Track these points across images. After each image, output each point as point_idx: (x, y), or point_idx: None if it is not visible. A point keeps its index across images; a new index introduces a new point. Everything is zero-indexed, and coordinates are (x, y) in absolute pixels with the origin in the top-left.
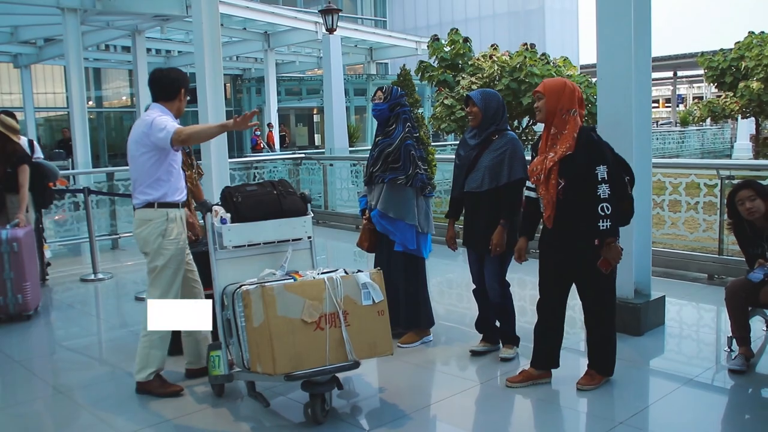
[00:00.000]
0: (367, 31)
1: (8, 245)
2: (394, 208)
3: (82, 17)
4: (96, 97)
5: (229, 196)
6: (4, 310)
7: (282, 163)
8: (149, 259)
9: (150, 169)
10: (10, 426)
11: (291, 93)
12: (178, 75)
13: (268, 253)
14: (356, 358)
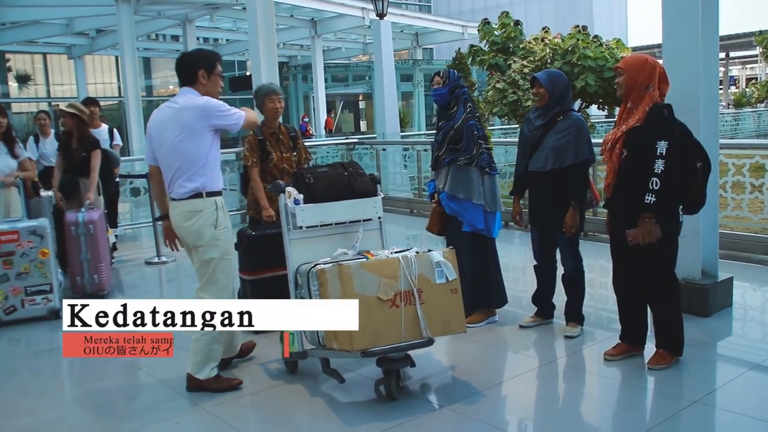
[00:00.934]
0: (414, 16)
1: (85, 227)
2: (462, 189)
3: (135, 7)
4: (146, 86)
5: (301, 178)
6: (81, 289)
7: (334, 149)
8: (201, 252)
9: (200, 153)
10: (94, 398)
11: (337, 79)
12: (196, 57)
13: (340, 234)
14: (430, 336)
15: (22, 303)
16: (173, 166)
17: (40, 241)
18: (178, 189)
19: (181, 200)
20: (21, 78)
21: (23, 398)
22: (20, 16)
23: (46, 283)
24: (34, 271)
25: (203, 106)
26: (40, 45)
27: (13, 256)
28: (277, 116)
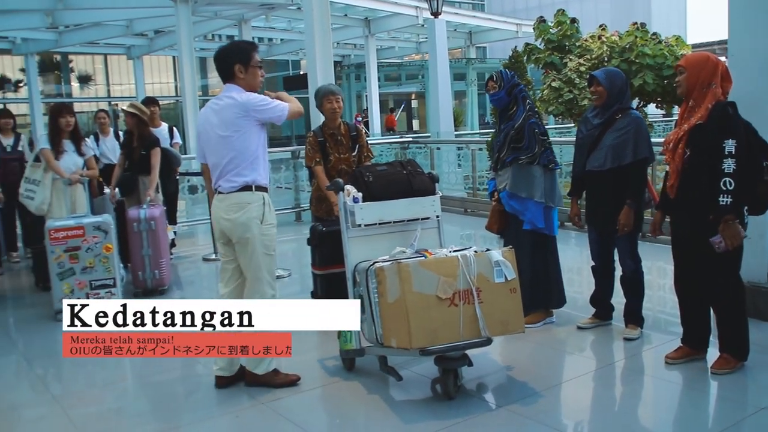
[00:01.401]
0: (468, 15)
1: (147, 223)
2: (524, 188)
3: (192, 8)
4: (202, 85)
5: (360, 176)
6: (142, 284)
7: (388, 147)
8: (245, 245)
9: (248, 148)
10: (155, 390)
11: (390, 78)
12: (230, 51)
13: (398, 232)
14: (489, 335)
15: (86, 296)
16: (221, 162)
17: (105, 236)
18: (225, 183)
19: (228, 193)
20: (82, 78)
21: (89, 388)
22: (82, 19)
23: (110, 277)
24: (99, 265)
25: (244, 104)
26: (101, 46)
27: (79, 251)
28: (336, 117)
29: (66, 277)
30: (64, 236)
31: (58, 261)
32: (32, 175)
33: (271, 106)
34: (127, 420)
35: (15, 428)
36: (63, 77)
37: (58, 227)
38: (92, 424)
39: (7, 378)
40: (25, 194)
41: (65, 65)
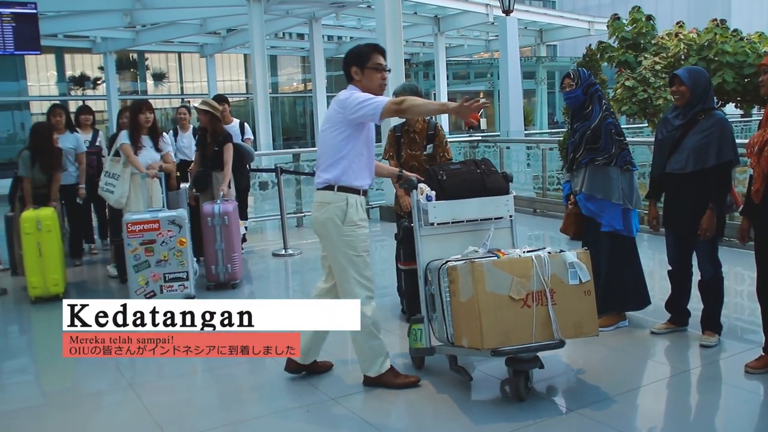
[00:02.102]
0: (539, 12)
1: (220, 218)
2: (601, 189)
3: (265, 6)
4: (272, 83)
5: (434, 174)
6: (215, 278)
7: (457, 146)
8: (326, 245)
9: (337, 145)
10: (225, 382)
11: (458, 77)
12: (349, 55)
13: (471, 231)
14: (562, 338)
15: (160, 289)
16: (318, 153)
17: (179, 230)
18: (316, 178)
19: (317, 190)
20: (157, 76)
21: (159, 379)
22: (159, 18)
23: (183, 270)
24: (173, 259)
25: (342, 101)
26: (175, 44)
27: (154, 244)
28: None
29: (141, 270)
30: (141, 229)
31: (135, 253)
32: (112, 169)
33: (366, 104)
34: (197, 410)
35: (95, 413)
36: (139, 75)
37: (134, 220)
38: (165, 412)
39: (87, 366)
40: (105, 188)
41: (141, 63)
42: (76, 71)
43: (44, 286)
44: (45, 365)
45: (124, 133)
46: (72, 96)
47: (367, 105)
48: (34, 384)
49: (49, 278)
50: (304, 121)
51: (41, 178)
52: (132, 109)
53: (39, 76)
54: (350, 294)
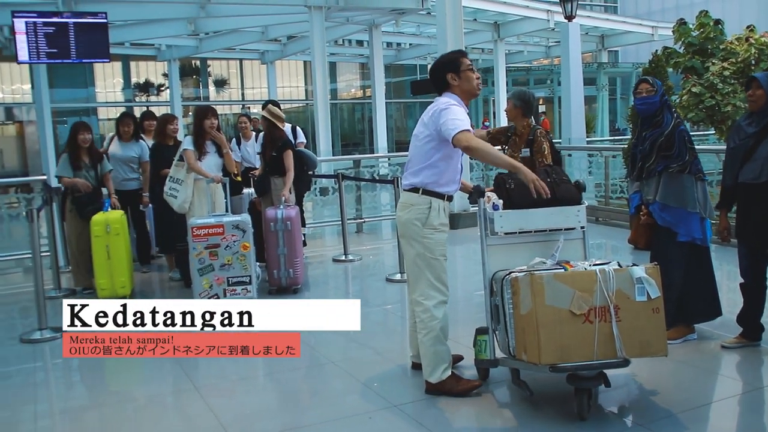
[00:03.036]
0: (600, 18)
1: (283, 223)
2: (675, 197)
3: (326, 14)
4: (331, 89)
5: (502, 182)
6: (277, 282)
7: None
8: (406, 245)
9: (427, 152)
10: (287, 386)
11: (518, 83)
12: (440, 64)
13: (540, 242)
14: (626, 356)
15: (224, 292)
16: (409, 155)
17: (242, 235)
18: (404, 179)
19: (403, 191)
20: (218, 82)
21: (220, 381)
22: (222, 26)
23: (246, 275)
24: (236, 263)
25: (440, 111)
26: (237, 51)
27: (218, 248)
28: (510, 118)
29: (206, 273)
30: (205, 233)
31: (199, 257)
32: (176, 174)
33: (453, 121)
34: (259, 413)
35: (161, 413)
36: (201, 81)
37: (199, 225)
38: (228, 414)
39: (150, 366)
40: (168, 192)
41: (203, 70)
42: (140, 78)
43: (112, 288)
44: (111, 365)
45: (188, 139)
46: (137, 102)
47: (449, 126)
48: (100, 383)
49: (116, 280)
50: (362, 128)
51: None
52: (197, 114)
53: (106, 82)
54: (422, 295)
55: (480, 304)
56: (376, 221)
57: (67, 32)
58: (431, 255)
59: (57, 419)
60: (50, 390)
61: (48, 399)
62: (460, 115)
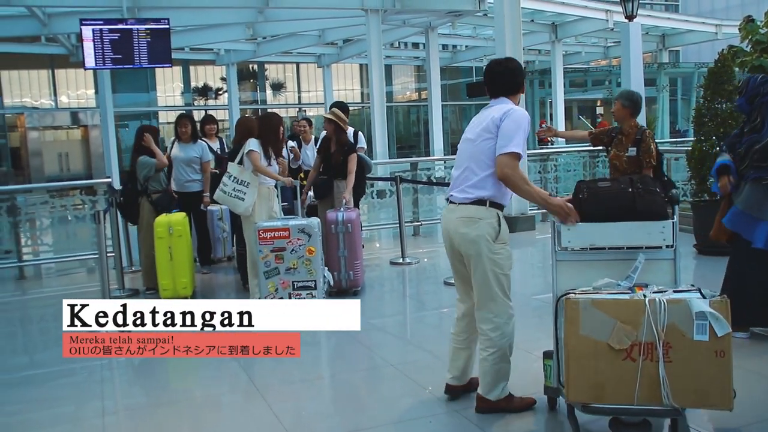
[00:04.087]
0: (662, 17)
1: (344, 225)
2: (757, 208)
3: (382, 17)
4: (386, 92)
5: (577, 191)
6: (338, 284)
7: (577, 156)
8: (475, 264)
9: (488, 156)
10: (343, 390)
11: (575, 84)
12: (517, 64)
13: (620, 260)
14: (674, 404)
15: (289, 296)
16: (464, 163)
17: (308, 239)
18: (460, 192)
19: (459, 204)
20: (275, 86)
21: (286, 384)
22: (279, 30)
23: (311, 279)
24: (301, 267)
25: (506, 111)
26: (294, 55)
27: (284, 252)
28: (617, 118)
29: (271, 276)
30: (272, 236)
31: (265, 260)
32: (241, 176)
33: (515, 129)
34: (320, 416)
35: (224, 413)
36: (258, 85)
37: (266, 228)
38: (289, 417)
39: (212, 366)
40: (233, 194)
41: (261, 74)
42: (199, 82)
43: (174, 289)
44: (171, 364)
45: (253, 141)
46: (195, 106)
47: (508, 141)
48: (161, 382)
49: (178, 282)
50: (417, 130)
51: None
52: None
53: (165, 87)
54: (494, 313)
55: (537, 308)
56: (432, 224)
57: (132, 38)
58: (501, 271)
59: (121, 416)
60: (114, 387)
61: (113, 396)
62: (522, 121)
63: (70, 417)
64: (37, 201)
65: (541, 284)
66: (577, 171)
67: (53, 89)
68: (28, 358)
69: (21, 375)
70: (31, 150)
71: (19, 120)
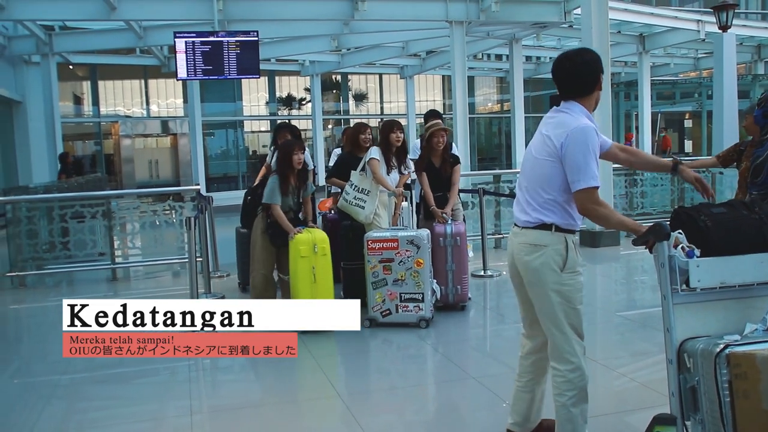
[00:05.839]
0: (758, 27)
1: (452, 239)
2: None
3: (467, 29)
4: (469, 104)
5: (691, 219)
6: (445, 298)
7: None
8: (539, 295)
9: (553, 180)
10: (435, 403)
11: (662, 97)
12: (590, 58)
13: (739, 299)
14: None
15: (396, 308)
16: (525, 183)
17: (417, 251)
18: (523, 214)
19: (523, 228)
20: (358, 97)
21: (389, 395)
22: (364, 42)
23: (419, 292)
24: (409, 279)
25: (576, 130)
26: (377, 66)
27: (392, 263)
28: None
29: (379, 287)
30: (380, 247)
31: (373, 270)
32: (361, 184)
33: (583, 175)
34: (399, 425)
35: (306, 420)
36: (342, 95)
37: (374, 238)
38: (374, 427)
39: (297, 371)
40: (354, 202)
41: (344, 84)
42: (284, 92)
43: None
44: (252, 365)
45: (375, 149)
46: (280, 116)
47: (579, 176)
48: (243, 384)
49: None
50: (498, 142)
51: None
52: (384, 127)
53: (251, 96)
54: (568, 352)
55: (620, 325)
56: None
57: (222, 50)
58: (571, 305)
59: (206, 416)
60: (199, 387)
61: (198, 396)
62: (593, 152)
63: (154, 415)
64: (130, 206)
65: (625, 301)
66: (665, 186)
67: (145, 99)
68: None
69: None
70: (123, 157)
71: (113, 128)
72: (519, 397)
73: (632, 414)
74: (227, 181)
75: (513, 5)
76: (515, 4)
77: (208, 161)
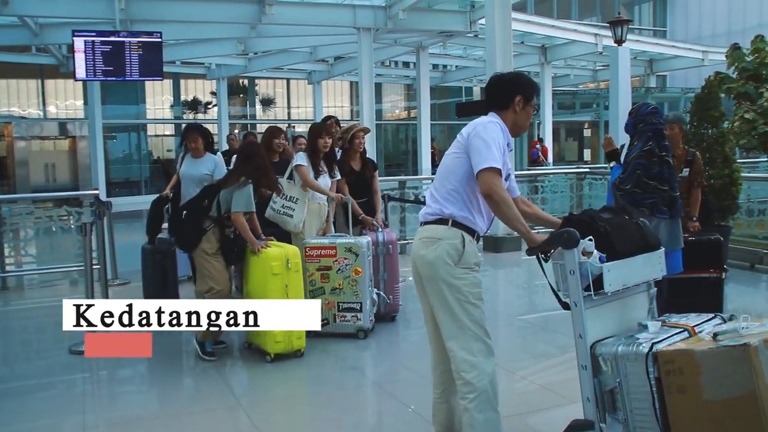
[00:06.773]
0: (650, 42)
1: (384, 247)
2: None
3: (374, 36)
4: (376, 110)
5: (589, 225)
6: (376, 308)
7: (564, 178)
8: (434, 290)
9: (458, 170)
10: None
11: (563, 107)
12: (517, 80)
13: (618, 300)
14: None
15: (334, 318)
16: (434, 183)
17: (355, 258)
18: (425, 208)
19: (424, 224)
20: (265, 101)
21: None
22: (271, 46)
23: (357, 301)
24: (347, 288)
25: (476, 126)
26: (284, 71)
27: (330, 271)
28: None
29: (317, 296)
30: (318, 254)
31: (311, 279)
32: (289, 192)
33: (481, 155)
34: None
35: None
36: (248, 100)
37: (312, 245)
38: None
39: (200, 384)
40: (281, 211)
41: (251, 89)
42: (189, 96)
43: (288, 340)
44: (165, 377)
45: (301, 155)
46: (185, 119)
47: (480, 158)
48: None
49: (294, 330)
50: (405, 148)
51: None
52: (312, 131)
53: (155, 99)
54: (464, 350)
55: (522, 328)
56: None
57: (124, 51)
58: (466, 299)
59: (102, 430)
60: (94, 401)
61: (93, 410)
62: (497, 136)
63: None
64: (23, 211)
65: (526, 305)
66: (564, 192)
67: (42, 99)
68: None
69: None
70: (18, 159)
71: (6, 129)
72: (437, 409)
73: (533, 415)
74: (129, 186)
75: (420, 14)
76: (422, 12)
77: (110, 165)
